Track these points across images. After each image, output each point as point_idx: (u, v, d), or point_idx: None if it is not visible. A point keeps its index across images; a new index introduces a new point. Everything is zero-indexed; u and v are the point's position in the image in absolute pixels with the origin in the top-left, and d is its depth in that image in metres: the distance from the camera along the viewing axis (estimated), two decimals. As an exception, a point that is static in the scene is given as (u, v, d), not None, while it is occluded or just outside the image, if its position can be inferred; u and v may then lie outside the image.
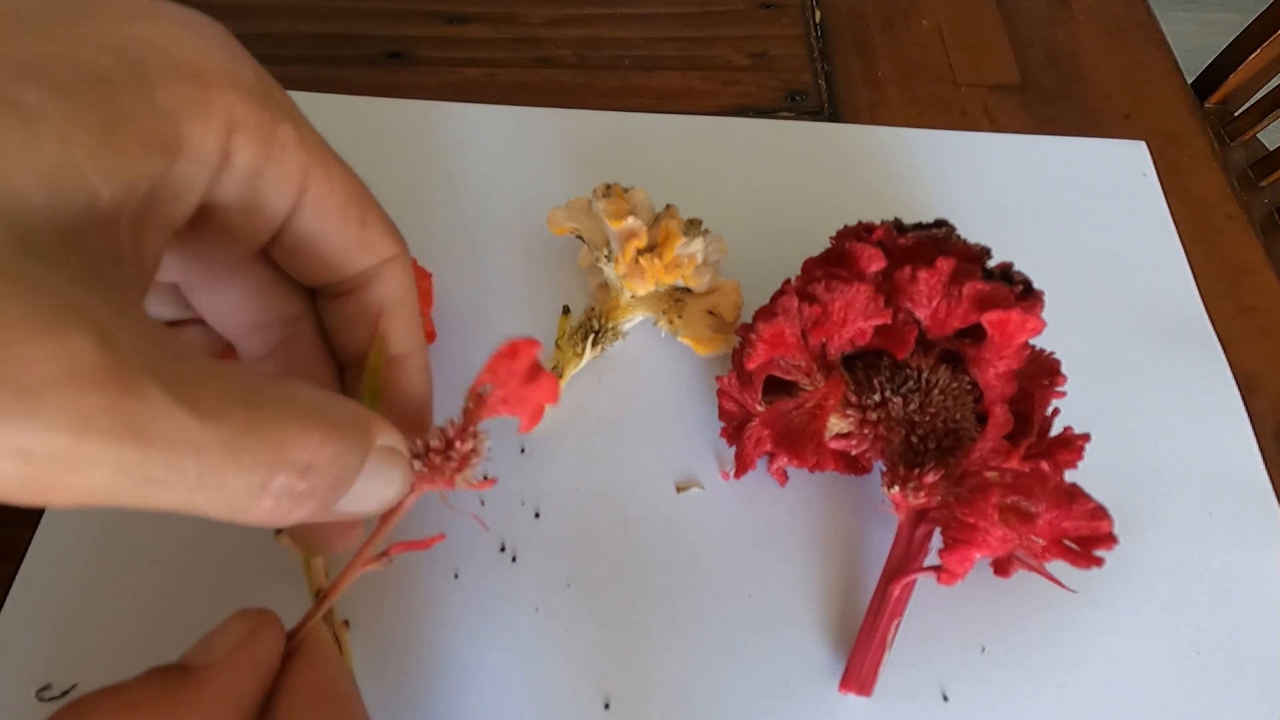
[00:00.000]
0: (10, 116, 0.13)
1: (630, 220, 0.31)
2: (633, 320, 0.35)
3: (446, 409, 0.34)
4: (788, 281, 0.31)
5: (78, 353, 0.12)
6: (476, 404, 0.25)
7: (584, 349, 0.33)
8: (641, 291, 0.33)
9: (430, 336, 0.34)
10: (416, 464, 0.22)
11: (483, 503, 0.32)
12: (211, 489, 0.14)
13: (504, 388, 0.25)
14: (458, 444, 0.23)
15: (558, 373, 0.33)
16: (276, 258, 0.22)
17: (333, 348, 0.24)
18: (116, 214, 0.15)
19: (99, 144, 0.14)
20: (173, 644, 0.28)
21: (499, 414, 0.25)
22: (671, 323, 0.34)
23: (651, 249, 0.32)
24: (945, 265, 0.29)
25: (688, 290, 0.34)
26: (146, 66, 0.16)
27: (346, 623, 0.29)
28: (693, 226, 0.33)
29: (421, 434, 0.23)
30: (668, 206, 0.34)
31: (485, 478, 0.24)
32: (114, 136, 0.15)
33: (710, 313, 0.34)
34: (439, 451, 0.23)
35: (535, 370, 0.25)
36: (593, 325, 0.34)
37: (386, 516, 0.23)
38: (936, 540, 0.29)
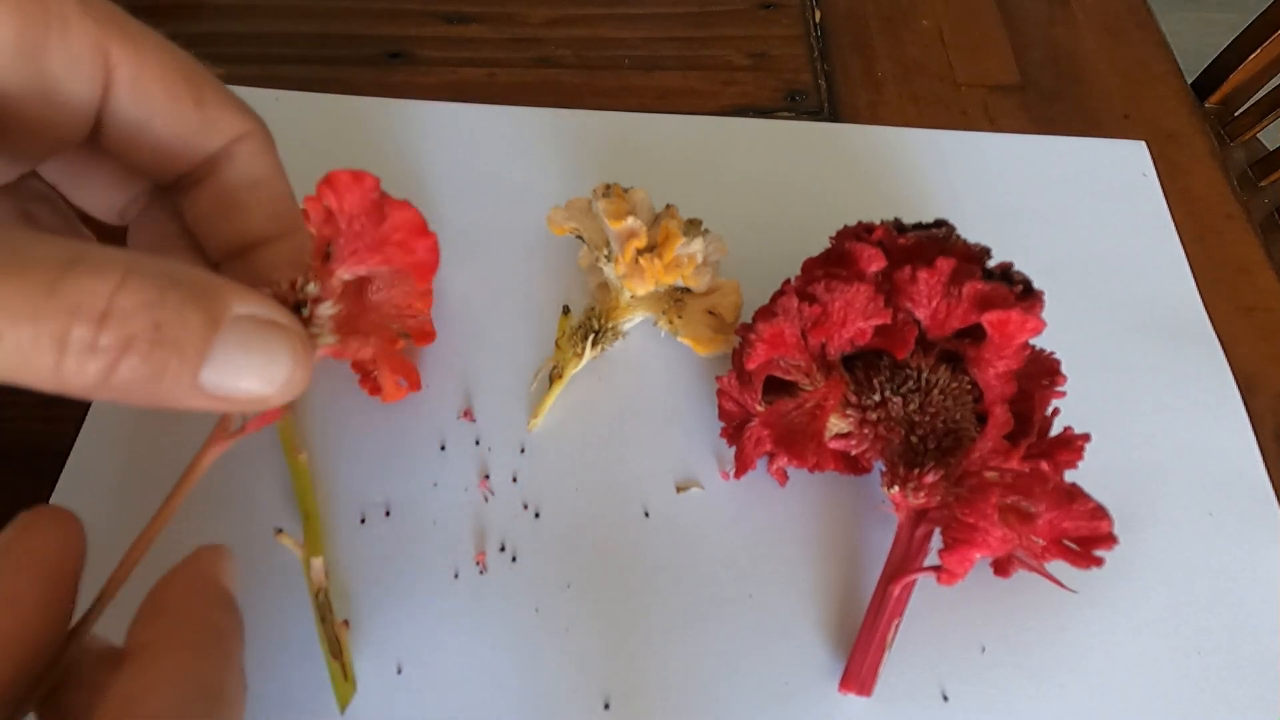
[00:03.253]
0: None
1: (630, 220, 0.31)
2: (633, 320, 0.35)
3: (445, 405, 0.34)
4: (788, 281, 0.31)
5: None
6: (319, 245, 0.21)
7: (584, 349, 0.33)
8: (641, 291, 0.33)
9: (430, 337, 0.34)
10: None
11: (486, 499, 0.32)
12: (10, 348, 0.14)
13: (352, 233, 0.21)
14: (302, 291, 0.19)
15: (558, 373, 0.34)
16: (111, 151, 0.20)
17: (201, 242, 0.22)
18: None
19: None
20: (173, 644, 0.28)
21: (364, 263, 0.21)
22: (671, 323, 0.34)
23: (651, 249, 0.32)
24: (945, 265, 0.29)
25: (687, 290, 0.34)
26: None
27: (346, 623, 0.29)
28: (693, 226, 0.33)
29: None
30: (668, 206, 0.34)
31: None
32: None
33: (710, 313, 0.34)
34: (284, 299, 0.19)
35: (381, 206, 0.21)
36: (593, 325, 0.34)
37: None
38: (936, 540, 0.29)
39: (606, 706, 0.28)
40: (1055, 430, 0.29)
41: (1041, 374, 0.30)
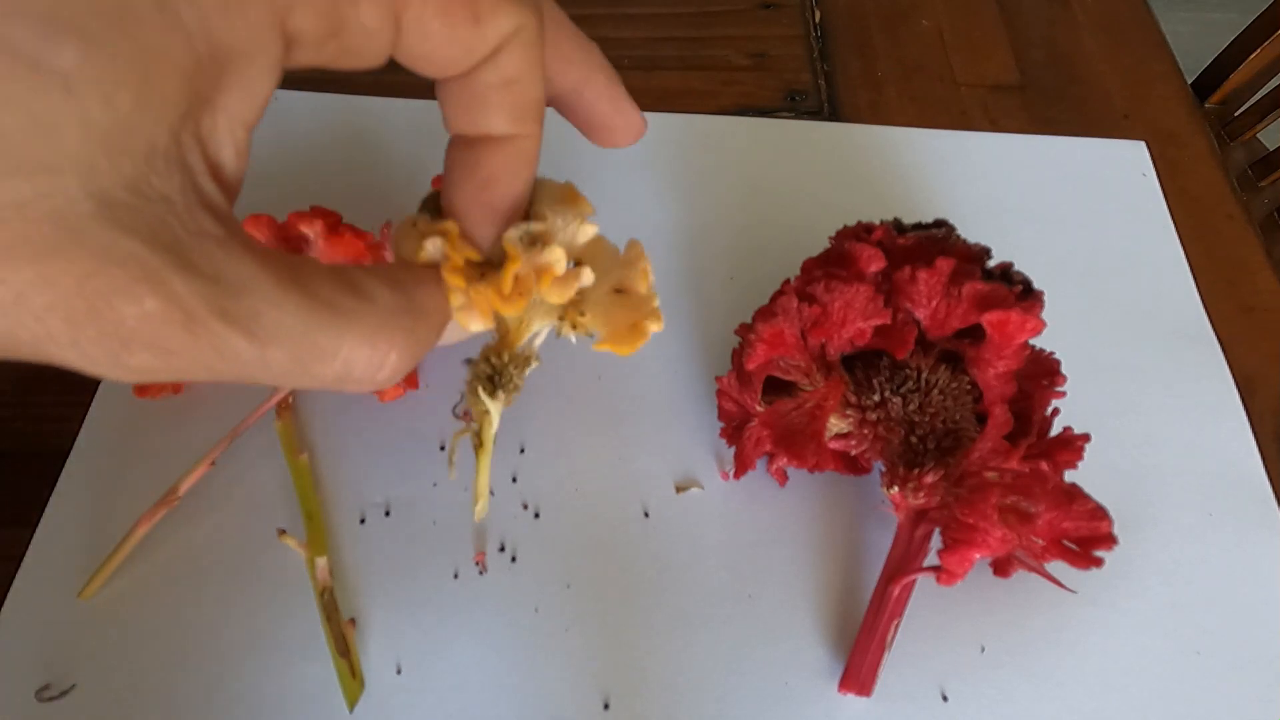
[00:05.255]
0: (54, 89, 0.13)
1: (429, 246, 0.22)
2: (536, 337, 0.25)
3: (445, 404, 0.34)
4: (787, 281, 0.31)
5: (153, 313, 0.15)
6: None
7: (489, 401, 0.24)
8: (476, 328, 0.23)
9: None
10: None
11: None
12: (278, 379, 0.18)
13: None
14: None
15: (477, 441, 0.25)
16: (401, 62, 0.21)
17: (446, 121, 0.22)
18: (177, 141, 0.15)
19: (141, 96, 0.14)
20: (174, 643, 0.28)
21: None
22: (575, 325, 0.24)
23: (484, 273, 0.22)
24: (945, 265, 0.29)
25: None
26: None
27: (353, 621, 0.29)
28: (570, 211, 0.24)
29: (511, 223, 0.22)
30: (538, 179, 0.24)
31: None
32: (154, 83, 0.14)
33: (618, 290, 0.25)
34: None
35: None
36: (490, 365, 0.25)
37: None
38: (936, 540, 0.29)
39: (606, 706, 0.28)
40: (1055, 430, 0.29)
41: (1041, 374, 0.30)
